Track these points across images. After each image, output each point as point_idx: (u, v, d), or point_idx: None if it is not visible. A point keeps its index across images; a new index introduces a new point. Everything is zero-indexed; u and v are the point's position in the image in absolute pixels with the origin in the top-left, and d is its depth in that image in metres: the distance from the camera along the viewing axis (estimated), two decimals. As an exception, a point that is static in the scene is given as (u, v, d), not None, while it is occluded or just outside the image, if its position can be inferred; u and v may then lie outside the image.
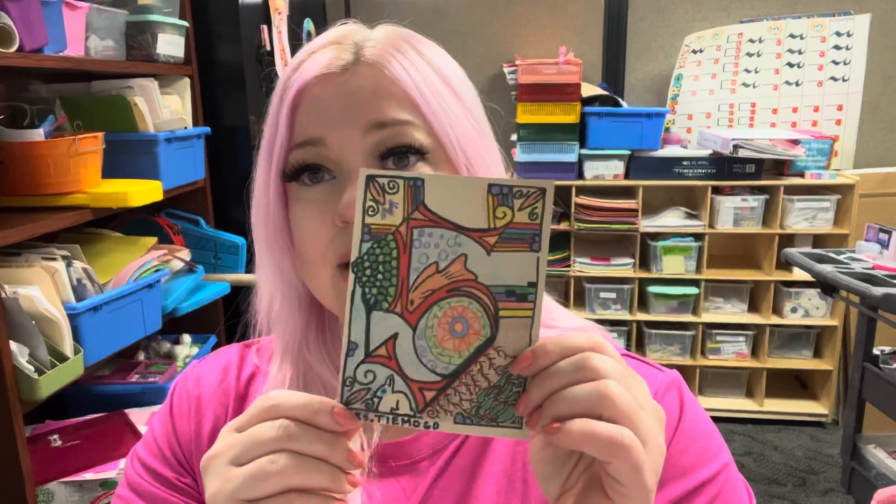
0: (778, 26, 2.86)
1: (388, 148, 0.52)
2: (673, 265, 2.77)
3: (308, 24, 2.70)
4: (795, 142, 2.61)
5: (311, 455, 0.40)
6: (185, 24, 1.99)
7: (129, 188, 1.58)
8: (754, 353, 2.84)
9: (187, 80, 2.03)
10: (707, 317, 2.82)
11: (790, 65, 2.86)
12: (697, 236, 2.75)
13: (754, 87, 2.91)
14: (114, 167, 1.64)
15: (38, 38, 1.41)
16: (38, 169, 1.46)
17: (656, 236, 2.78)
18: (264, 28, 2.30)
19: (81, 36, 1.64)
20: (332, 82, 0.53)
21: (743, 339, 2.82)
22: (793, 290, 2.73)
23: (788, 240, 2.75)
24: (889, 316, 1.85)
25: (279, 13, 2.39)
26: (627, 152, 2.72)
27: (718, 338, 2.83)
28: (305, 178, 0.54)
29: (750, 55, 2.89)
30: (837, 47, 2.80)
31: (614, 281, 2.84)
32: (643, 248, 2.80)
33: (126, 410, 1.67)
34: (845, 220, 2.65)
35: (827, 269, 1.95)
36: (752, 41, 2.89)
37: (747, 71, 2.90)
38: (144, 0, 1.84)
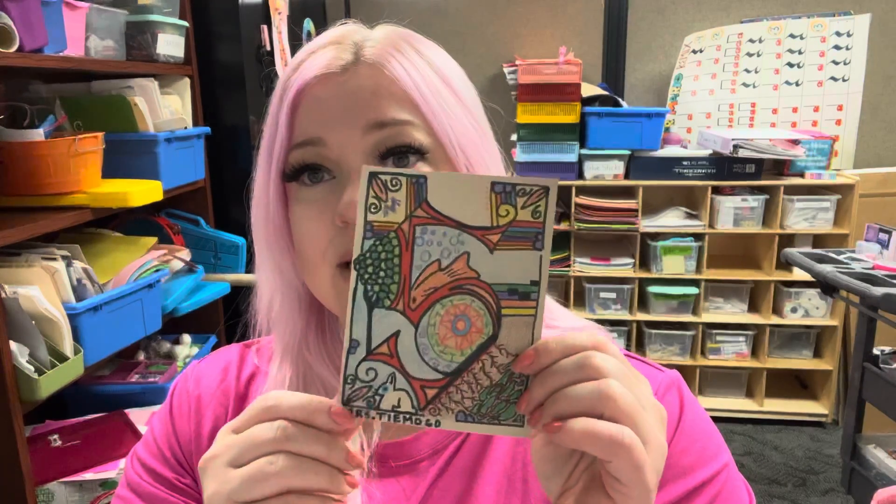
0: (778, 26, 2.86)
1: (388, 148, 0.52)
2: (673, 265, 2.76)
3: (308, 24, 2.70)
4: (795, 142, 2.61)
5: (309, 456, 0.40)
6: (185, 24, 1.99)
7: (129, 188, 1.58)
8: (754, 353, 2.84)
9: (187, 80, 2.03)
10: (707, 317, 2.81)
11: (790, 65, 2.86)
12: (697, 236, 2.75)
13: (754, 87, 2.90)
14: (114, 167, 1.64)
15: (38, 38, 1.41)
16: (38, 169, 1.46)
17: (656, 236, 2.78)
18: (264, 28, 2.30)
19: (81, 36, 1.64)
20: (332, 82, 0.53)
21: (743, 339, 2.82)
22: (793, 290, 2.73)
23: (788, 240, 2.75)
24: (889, 316, 1.85)
25: (279, 13, 2.39)
26: (627, 152, 2.72)
27: (718, 338, 2.83)
28: (305, 178, 0.54)
29: (750, 55, 2.89)
30: (837, 47, 2.80)
31: (614, 281, 2.84)
32: (643, 248, 2.80)
33: (126, 410, 1.67)
34: (845, 220, 2.65)
35: (827, 269, 1.95)
36: (752, 41, 2.88)
37: (747, 71, 2.90)
38: (144, 0, 1.84)
